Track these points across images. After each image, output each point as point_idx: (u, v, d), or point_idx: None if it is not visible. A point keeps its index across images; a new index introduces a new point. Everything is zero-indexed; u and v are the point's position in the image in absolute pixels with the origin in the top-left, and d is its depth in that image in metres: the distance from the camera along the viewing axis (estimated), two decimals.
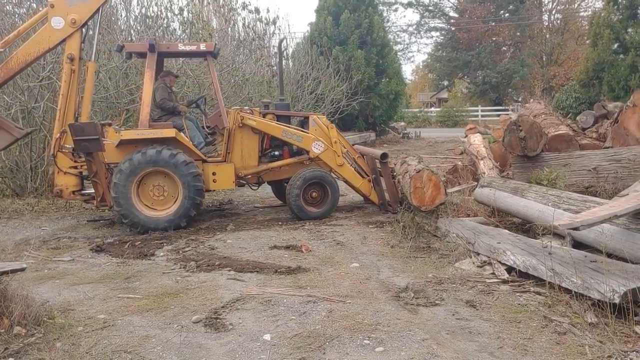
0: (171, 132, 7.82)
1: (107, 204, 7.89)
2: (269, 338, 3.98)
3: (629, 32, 17.61)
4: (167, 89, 8.57)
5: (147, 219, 7.65)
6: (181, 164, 7.64)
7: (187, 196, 7.69)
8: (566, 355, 3.53)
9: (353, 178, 8.81)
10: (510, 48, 44.14)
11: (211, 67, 8.52)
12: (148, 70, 7.96)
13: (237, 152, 8.52)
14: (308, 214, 8.32)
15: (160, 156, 7.60)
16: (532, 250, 5.09)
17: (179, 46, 8.51)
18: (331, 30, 22.01)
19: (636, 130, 9.04)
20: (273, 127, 8.56)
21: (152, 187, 7.78)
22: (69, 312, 4.60)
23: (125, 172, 7.54)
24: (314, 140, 8.50)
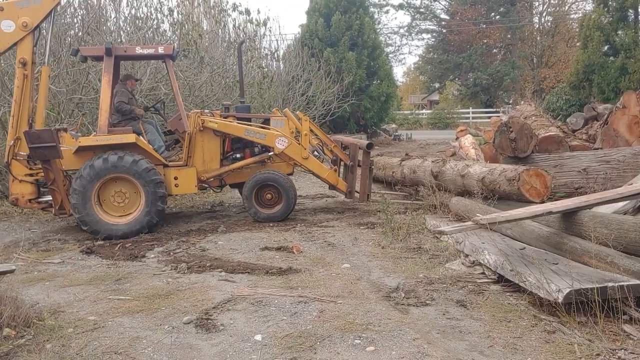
0: (131, 138, 7.66)
1: (66, 211, 7.68)
2: (260, 338, 3.97)
3: (619, 34, 17.75)
4: (128, 94, 8.40)
5: (108, 226, 7.47)
6: (143, 171, 7.50)
7: (150, 203, 7.55)
8: (555, 353, 3.55)
9: (319, 169, 8.84)
10: (501, 50, 44.35)
11: (170, 70, 8.35)
12: (105, 74, 7.76)
13: (199, 155, 8.41)
14: (262, 216, 8.32)
15: (122, 162, 7.45)
16: (508, 251, 5.14)
17: (137, 49, 8.26)
18: (322, 31, 22.04)
19: (625, 132, 9.12)
20: (235, 128, 8.48)
21: (113, 194, 7.61)
22: (59, 314, 4.57)
23: (85, 179, 7.37)
24: (277, 137, 8.42)
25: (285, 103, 18.30)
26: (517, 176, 7.04)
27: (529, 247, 5.32)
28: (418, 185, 9.70)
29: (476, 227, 5.38)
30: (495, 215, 5.53)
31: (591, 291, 3.87)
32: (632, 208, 5.66)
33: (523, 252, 5.12)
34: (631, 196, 5.33)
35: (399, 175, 10.31)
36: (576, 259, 4.73)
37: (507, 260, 4.80)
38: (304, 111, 18.86)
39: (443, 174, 8.69)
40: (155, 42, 12.85)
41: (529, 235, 5.56)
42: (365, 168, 8.83)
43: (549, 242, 5.23)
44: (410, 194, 9.99)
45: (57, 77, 10.35)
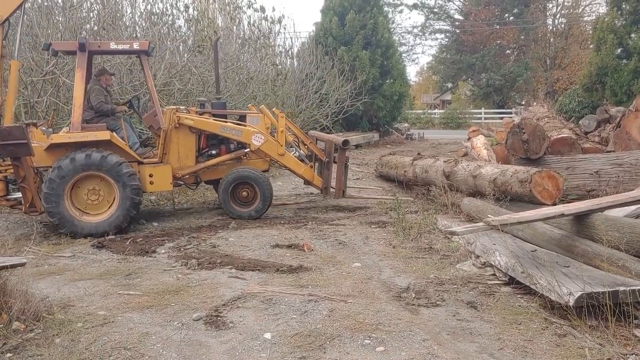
0: (105, 135, 7.52)
1: (36, 209, 7.52)
2: (270, 337, 3.98)
3: (633, 37, 17.59)
4: (103, 91, 8.20)
5: (84, 225, 7.35)
6: (114, 165, 7.37)
7: (125, 197, 7.44)
8: (566, 357, 3.53)
9: (295, 166, 8.86)
10: (514, 51, 44.06)
11: (145, 66, 8.19)
12: (79, 70, 7.58)
13: (174, 152, 8.31)
14: (238, 213, 8.32)
15: (91, 160, 7.29)
16: (519, 253, 5.11)
17: (111, 45, 8.10)
18: (336, 30, 22.00)
19: (638, 135, 9.04)
20: (211, 124, 8.43)
21: (86, 192, 7.46)
22: (68, 308, 4.60)
23: (57, 177, 7.22)
24: (254, 133, 8.40)
25: (299, 100, 18.32)
26: (529, 178, 7.00)
27: (541, 250, 5.28)
28: (429, 185, 9.66)
29: (487, 228, 5.36)
30: (506, 216, 5.49)
31: (602, 295, 3.84)
32: None
33: (534, 254, 5.09)
34: None
35: (410, 175, 10.29)
36: (588, 262, 4.69)
37: (518, 262, 4.78)
38: (317, 109, 18.90)
39: (455, 174, 8.65)
40: (171, 38, 12.90)
41: (541, 237, 5.52)
42: (340, 165, 8.86)
43: (560, 245, 5.20)
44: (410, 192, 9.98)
45: (72, 71, 10.39)
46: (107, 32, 11.39)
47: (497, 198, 7.41)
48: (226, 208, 8.37)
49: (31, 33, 10.24)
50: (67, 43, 8.31)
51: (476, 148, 11.93)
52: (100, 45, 8.04)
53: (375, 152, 18.24)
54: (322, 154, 9.08)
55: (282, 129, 8.67)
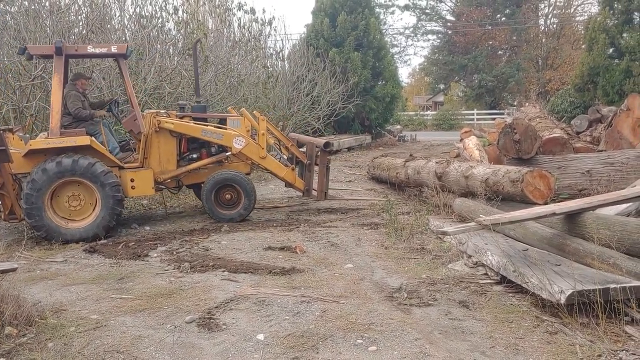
0: (85, 140, 7.42)
1: (16, 217, 7.44)
2: (263, 338, 3.98)
3: (624, 37, 17.71)
4: (80, 96, 8.05)
5: (63, 231, 7.29)
6: (100, 174, 7.33)
7: (107, 207, 7.40)
8: (557, 354, 3.55)
9: (277, 168, 8.85)
10: (506, 52, 44.25)
11: (124, 69, 8.09)
12: (56, 74, 7.44)
13: (155, 156, 8.27)
14: (221, 216, 8.32)
15: (77, 165, 7.25)
16: (511, 252, 5.13)
17: (88, 48, 7.88)
18: (328, 31, 22.02)
19: (629, 134, 9.10)
20: (192, 128, 8.37)
21: (67, 198, 7.40)
22: (61, 313, 4.59)
23: (38, 183, 7.13)
24: (235, 137, 8.33)
25: (290, 103, 18.30)
26: (520, 177, 7.03)
27: (532, 249, 5.30)
28: (422, 186, 9.69)
29: (479, 228, 5.38)
30: (498, 216, 5.52)
31: (593, 292, 3.87)
32: (635, 210, 5.65)
33: (526, 253, 5.11)
34: (634, 198, 5.33)
35: (403, 176, 10.31)
36: (579, 260, 4.72)
37: (510, 261, 4.80)
38: (309, 111, 18.90)
39: (447, 175, 8.68)
40: (161, 41, 12.86)
41: (532, 236, 5.55)
42: (322, 166, 8.89)
43: (551, 244, 5.22)
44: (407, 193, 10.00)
45: None
46: (96, 35, 11.34)
47: (489, 198, 7.45)
48: (211, 212, 8.34)
49: (19, 37, 10.18)
50: (43, 47, 8.20)
51: (468, 149, 11.97)
52: (77, 49, 7.88)
53: (368, 155, 18.27)
54: (304, 156, 9.09)
55: (263, 131, 8.64)
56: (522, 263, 4.76)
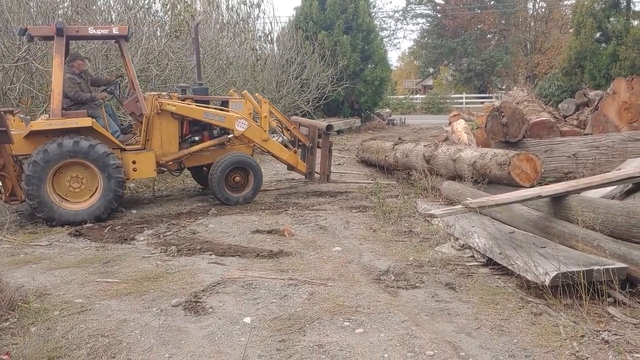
0: (87, 122, 7.36)
1: (17, 198, 7.40)
2: (249, 321, 3.98)
3: (611, 21, 17.78)
4: (76, 78, 7.92)
5: (64, 212, 7.24)
6: (101, 155, 7.31)
7: (108, 188, 7.37)
8: (541, 335, 3.58)
9: (279, 151, 8.92)
10: (495, 36, 44.26)
11: (125, 51, 8.03)
12: (57, 55, 7.37)
13: (157, 139, 8.22)
14: (230, 198, 8.32)
15: (79, 147, 7.20)
16: (497, 235, 5.16)
17: (90, 30, 7.84)
18: (317, 14, 21.84)
19: (615, 118, 9.14)
20: (194, 110, 8.33)
21: (69, 179, 7.35)
22: (45, 297, 4.56)
23: (39, 164, 7.07)
24: (237, 119, 8.34)
25: (279, 86, 18.21)
26: (507, 160, 7.05)
27: (518, 231, 5.34)
28: (410, 170, 9.70)
29: (466, 211, 5.39)
30: (485, 199, 5.54)
31: (577, 274, 3.90)
32: (620, 193, 5.69)
33: (512, 235, 5.14)
34: (619, 181, 5.37)
35: (391, 159, 10.31)
36: (564, 242, 4.75)
37: (496, 244, 4.82)
38: (298, 94, 18.82)
39: (435, 158, 8.69)
40: (147, 23, 12.70)
41: (518, 219, 5.57)
42: (325, 149, 8.98)
43: (537, 226, 5.25)
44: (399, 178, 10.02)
45: (45, 57, 10.22)
46: (81, 16, 11.17)
47: (476, 181, 7.47)
48: (220, 194, 8.28)
49: (1, 18, 10.00)
50: (44, 28, 8.04)
51: (456, 132, 11.99)
52: (79, 30, 7.80)
53: (357, 138, 18.24)
54: (306, 139, 9.12)
55: (266, 114, 8.66)
56: (508, 245, 4.78)
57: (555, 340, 3.49)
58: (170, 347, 3.61)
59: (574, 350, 3.34)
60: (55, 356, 3.50)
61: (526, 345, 3.46)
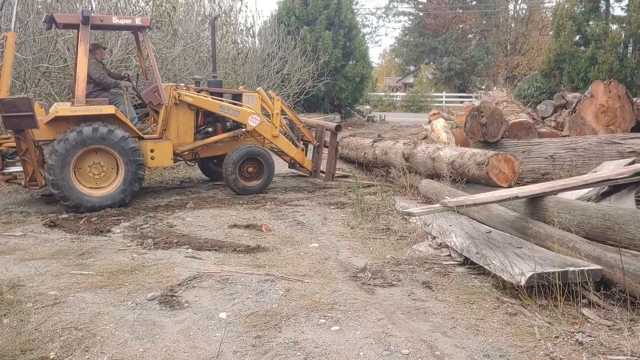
0: (110, 109, 7.55)
1: (37, 183, 7.48)
2: (225, 316, 3.95)
3: (590, 24, 18.01)
4: (100, 64, 8.30)
5: (88, 198, 7.36)
6: (120, 140, 7.45)
7: (130, 171, 7.55)
8: (516, 335, 3.61)
9: (287, 148, 9.16)
10: (476, 36, 44.55)
11: (147, 41, 8.28)
12: (82, 44, 7.54)
13: (173, 128, 8.44)
14: (243, 187, 8.54)
15: (98, 133, 7.32)
16: (474, 234, 5.20)
17: (113, 19, 8.10)
18: (299, 9, 21.79)
19: (592, 121, 9.26)
20: (210, 103, 8.55)
21: (90, 165, 7.48)
22: (18, 288, 4.48)
23: (62, 151, 7.18)
24: (250, 114, 8.61)
25: (260, 80, 18.11)
26: (486, 160, 7.11)
27: (495, 231, 5.38)
28: (389, 167, 9.73)
29: (444, 210, 5.42)
30: (462, 198, 5.57)
31: (553, 275, 3.94)
32: (596, 195, 5.77)
33: (489, 235, 5.18)
34: (595, 183, 5.44)
35: (370, 157, 10.33)
36: (540, 243, 4.80)
37: (473, 243, 4.85)
38: (279, 89, 18.75)
39: (414, 157, 8.72)
40: (128, 12, 12.53)
41: (496, 219, 5.62)
42: (332, 149, 9.19)
43: (514, 227, 5.30)
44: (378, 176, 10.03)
45: (23, 44, 10.03)
46: (61, 4, 10.99)
47: (454, 180, 7.51)
48: (234, 184, 8.49)
49: None
50: (70, 16, 8.26)
51: (436, 131, 12.06)
52: (103, 20, 7.99)
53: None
54: (313, 138, 9.36)
55: (277, 111, 8.91)
56: (485, 245, 4.82)
57: (529, 341, 3.53)
58: (144, 342, 3.57)
59: (549, 351, 3.38)
60: (27, 348, 3.44)
61: (501, 345, 3.49)
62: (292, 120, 9.54)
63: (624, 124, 8.93)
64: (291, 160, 9.57)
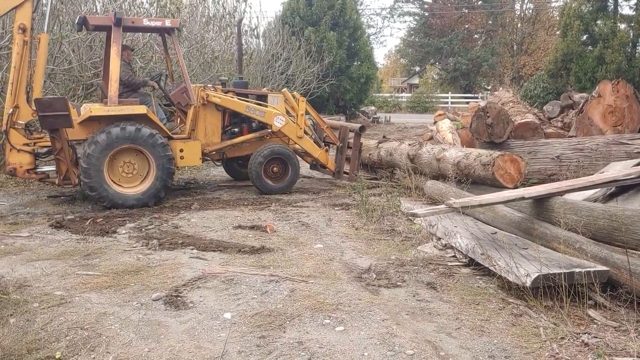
0: (142, 109, 7.74)
1: (71, 182, 7.69)
2: (230, 316, 3.95)
3: (598, 24, 17.92)
4: (128, 65, 8.53)
5: (115, 195, 7.56)
6: (159, 145, 7.68)
7: (160, 177, 7.73)
8: (521, 336, 3.60)
9: (312, 149, 9.30)
10: (482, 36, 44.49)
11: (176, 43, 8.47)
12: (114, 45, 7.75)
13: (201, 129, 8.63)
14: (268, 187, 8.69)
15: (140, 134, 7.56)
16: (480, 235, 5.18)
17: (144, 21, 8.42)
18: (304, 10, 21.80)
19: (600, 121, 9.22)
20: (237, 104, 8.71)
21: (122, 164, 7.69)
22: (24, 288, 4.49)
23: (101, 145, 7.40)
24: (276, 115, 8.76)
25: (265, 81, 18.13)
26: (491, 161, 7.09)
27: (501, 232, 5.36)
28: (394, 168, 9.72)
29: (449, 211, 5.41)
30: (468, 199, 5.56)
31: (559, 276, 3.92)
32: (603, 196, 5.74)
33: (494, 236, 5.16)
34: (602, 184, 5.40)
35: (375, 157, 10.31)
36: (546, 244, 4.78)
37: (479, 244, 4.84)
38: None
39: (419, 157, 8.71)
40: (132, 14, 12.57)
41: (501, 220, 5.60)
42: (355, 150, 9.33)
43: (520, 227, 5.28)
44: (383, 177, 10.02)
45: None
46: (65, 6, 11.03)
47: (460, 181, 7.49)
48: (259, 182, 8.65)
49: None
50: (103, 18, 8.58)
51: (441, 132, 12.01)
52: (134, 22, 8.31)
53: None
54: (336, 139, 9.49)
55: (302, 112, 9.07)
56: (490, 246, 4.80)
57: (535, 342, 3.51)
58: (149, 342, 3.57)
59: (554, 352, 3.36)
60: (34, 348, 3.45)
61: (506, 346, 3.48)
62: (315, 122, 9.67)
63: (632, 124, 8.88)
64: (313, 161, 9.68)
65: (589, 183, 5.38)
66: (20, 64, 7.47)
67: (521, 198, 5.22)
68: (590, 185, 5.39)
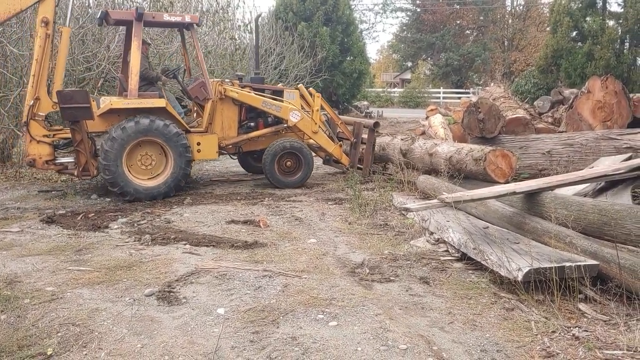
0: (161, 102, 7.86)
1: (89, 173, 7.81)
2: (223, 312, 3.96)
3: (587, 20, 18.03)
4: (146, 59, 8.61)
5: (136, 188, 7.69)
6: (174, 135, 7.78)
7: (179, 167, 7.86)
8: (513, 330, 3.63)
9: (326, 144, 9.42)
10: (473, 32, 44.55)
11: (195, 38, 8.62)
12: (135, 39, 7.86)
13: (218, 123, 8.78)
14: (281, 181, 8.79)
15: (154, 125, 7.65)
16: (472, 230, 5.20)
17: (164, 16, 8.59)
18: (297, 5, 21.77)
19: (589, 116, 9.26)
20: (254, 98, 8.85)
21: (140, 157, 7.80)
22: (15, 284, 4.47)
23: (117, 141, 7.50)
24: (292, 110, 8.90)
25: None
26: (483, 156, 7.12)
27: (493, 226, 5.38)
28: (387, 163, 9.74)
29: (441, 205, 5.43)
30: (460, 194, 5.58)
31: (549, 270, 3.95)
32: (592, 191, 5.78)
33: (486, 231, 5.19)
34: (592, 179, 5.44)
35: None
36: (537, 238, 4.81)
37: (471, 239, 4.86)
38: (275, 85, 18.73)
39: (412, 152, 8.73)
40: (125, 8, 12.49)
41: (493, 214, 5.63)
42: (369, 145, 9.42)
43: (511, 222, 5.31)
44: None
45: (20, 40, 9.99)
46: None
47: (452, 176, 7.52)
48: (271, 176, 8.74)
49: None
50: (124, 12, 8.75)
51: (433, 127, 12.03)
52: (155, 17, 8.44)
53: None
54: (350, 135, 9.62)
55: (317, 108, 9.17)
56: (482, 240, 4.83)
57: (526, 336, 3.54)
58: (142, 337, 3.57)
59: (545, 346, 3.39)
60: (25, 345, 3.44)
61: (498, 340, 3.50)
62: (330, 117, 9.76)
63: (621, 120, 8.92)
64: (327, 156, 9.74)
65: (579, 178, 5.42)
66: (42, 56, 7.59)
67: (512, 193, 5.24)
68: (580, 180, 5.42)
